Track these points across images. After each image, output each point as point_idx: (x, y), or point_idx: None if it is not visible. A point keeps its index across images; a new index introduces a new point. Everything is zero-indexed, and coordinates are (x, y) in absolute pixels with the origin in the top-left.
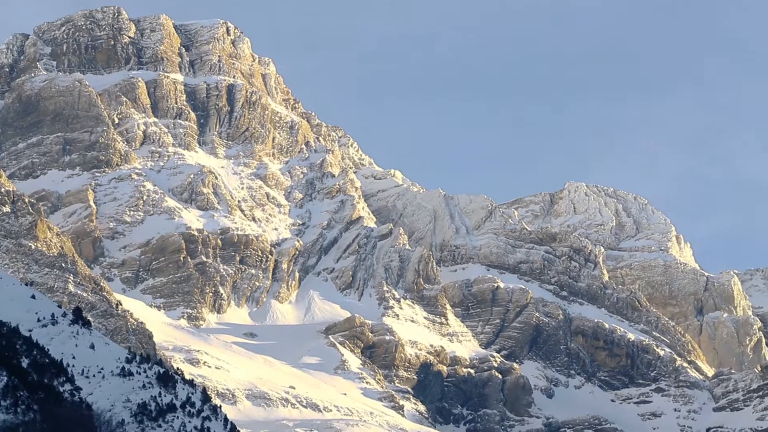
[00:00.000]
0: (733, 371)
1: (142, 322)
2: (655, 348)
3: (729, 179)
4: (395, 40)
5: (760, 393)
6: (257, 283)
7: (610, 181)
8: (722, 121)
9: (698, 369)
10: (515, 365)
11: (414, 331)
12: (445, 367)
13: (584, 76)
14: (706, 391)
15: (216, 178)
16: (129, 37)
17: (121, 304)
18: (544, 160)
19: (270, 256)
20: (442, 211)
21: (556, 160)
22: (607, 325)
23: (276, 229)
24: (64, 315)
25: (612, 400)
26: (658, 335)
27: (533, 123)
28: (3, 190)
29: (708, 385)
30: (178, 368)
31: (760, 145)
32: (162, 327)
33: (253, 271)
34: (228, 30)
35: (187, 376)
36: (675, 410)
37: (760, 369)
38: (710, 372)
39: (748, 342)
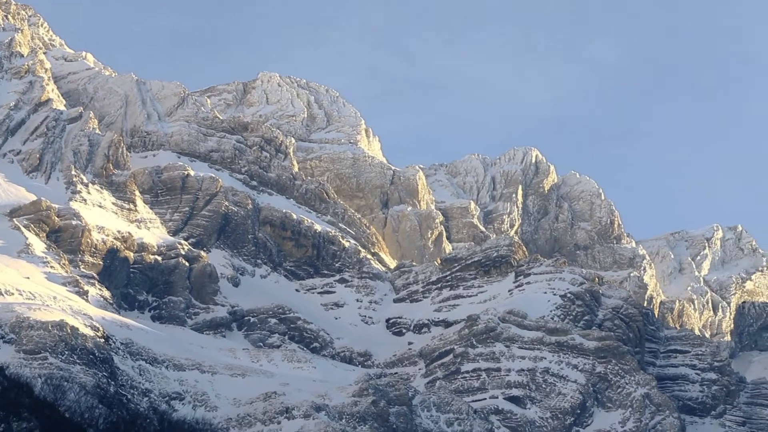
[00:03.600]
0: (414, 264)
1: None
2: (340, 239)
3: (413, 75)
4: None
5: (439, 285)
6: None
7: (303, 72)
8: (406, 16)
9: (381, 261)
10: (203, 253)
11: (101, 216)
12: (131, 254)
13: None
14: (387, 282)
15: None
16: None
17: None
18: (237, 49)
19: None
20: (133, 97)
21: (250, 50)
22: (295, 216)
23: None
24: None
25: (297, 290)
26: (344, 227)
27: (227, 10)
28: None
29: (390, 276)
30: None
31: (441, 42)
32: None
33: None
34: None
35: None
36: (357, 301)
37: (439, 262)
38: (393, 264)
39: (429, 235)
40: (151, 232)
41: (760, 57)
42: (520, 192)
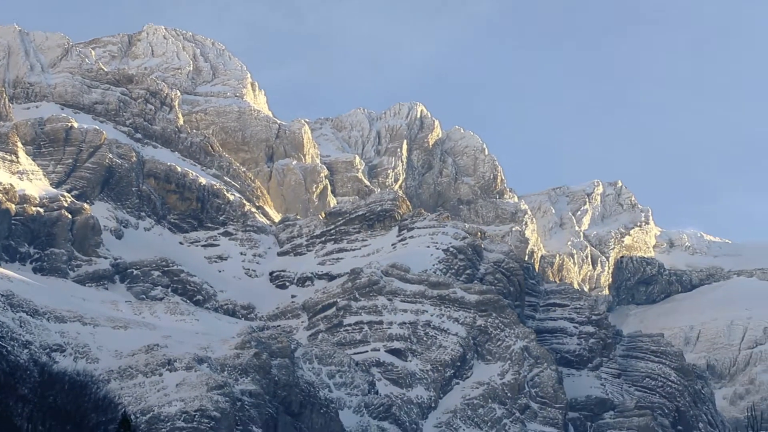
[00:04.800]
0: (298, 217)
1: None
2: (225, 193)
3: (297, 29)
4: None
5: (323, 239)
6: None
7: (188, 25)
8: None
9: (266, 214)
10: (86, 205)
11: None
12: (13, 206)
13: None
14: (271, 235)
15: None
16: None
17: None
18: (122, 1)
19: None
20: (16, 47)
21: (135, 1)
22: (179, 169)
23: None
24: None
25: (180, 243)
26: (229, 180)
27: None
28: None
29: (274, 230)
30: None
31: None
32: None
33: None
34: None
35: None
36: (241, 254)
37: (324, 216)
38: (277, 218)
39: (314, 189)
40: (34, 184)
41: (640, 8)
42: (404, 147)
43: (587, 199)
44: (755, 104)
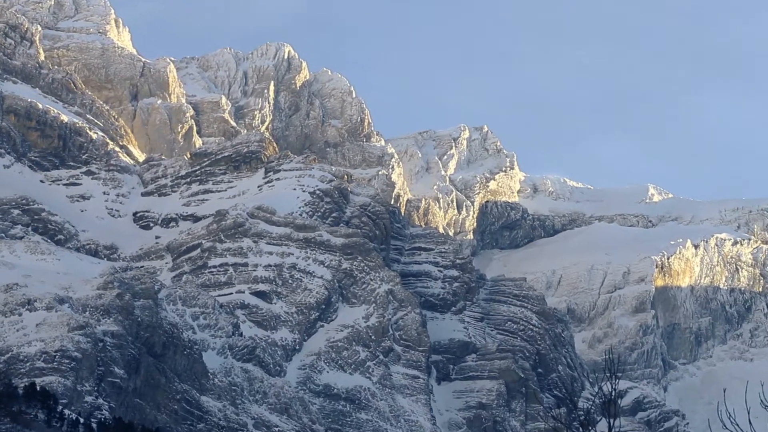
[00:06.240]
0: (163, 157)
1: None
2: (88, 131)
3: None
4: None
5: (188, 179)
6: None
7: None
8: None
9: (130, 154)
10: None
11: None
12: None
13: None
14: (135, 175)
15: None
16: None
17: None
18: None
19: None
20: None
21: None
22: (40, 106)
23: None
24: None
25: (41, 181)
26: (92, 118)
27: None
28: None
29: (138, 170)
30: None
31: None
32: None
33: None
34: None
35: None
36: (104, 194)
37: (189, 156)
38: (141, 157)
39: (180, 129)
40: None
41: None
42: (272, 88)
43: (453, 144)
44: (615, 50)
